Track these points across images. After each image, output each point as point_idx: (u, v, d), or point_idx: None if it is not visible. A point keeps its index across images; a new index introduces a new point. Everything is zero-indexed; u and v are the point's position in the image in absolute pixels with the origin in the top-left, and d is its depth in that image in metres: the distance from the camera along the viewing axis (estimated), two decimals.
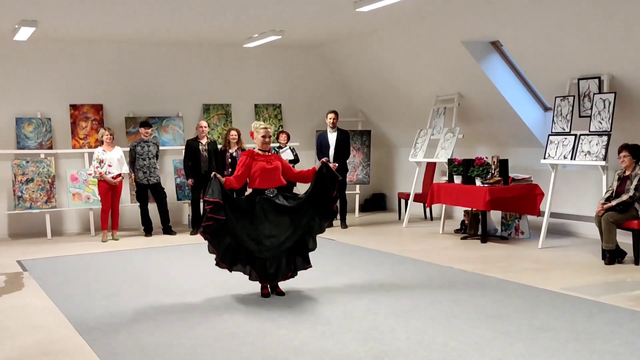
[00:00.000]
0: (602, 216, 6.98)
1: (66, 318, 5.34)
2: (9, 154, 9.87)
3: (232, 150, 9.82)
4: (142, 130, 9.61)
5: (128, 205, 10.27)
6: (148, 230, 9.73)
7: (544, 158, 8.07)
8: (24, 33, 8.80)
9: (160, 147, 9.99)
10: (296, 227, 5.74)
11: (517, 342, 4.45)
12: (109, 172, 9.23)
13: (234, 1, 7.70)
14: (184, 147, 10.18)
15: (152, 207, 9.79)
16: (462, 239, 8.82)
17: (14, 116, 9.95)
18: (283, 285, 5.98)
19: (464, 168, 8.66)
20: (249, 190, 5.98)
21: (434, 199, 9.10)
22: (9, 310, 5.66)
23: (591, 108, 7.66)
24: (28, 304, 5.89)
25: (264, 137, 5.86)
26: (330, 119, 10.01)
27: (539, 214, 8.27)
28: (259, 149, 5.91)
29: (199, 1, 7.67)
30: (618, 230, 6.95)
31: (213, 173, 5.81)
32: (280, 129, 11.16)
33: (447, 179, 9.13)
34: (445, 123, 9.90)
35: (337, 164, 9.89)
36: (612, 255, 6.92)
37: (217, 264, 5.86)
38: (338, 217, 10.32)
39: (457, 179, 8.77)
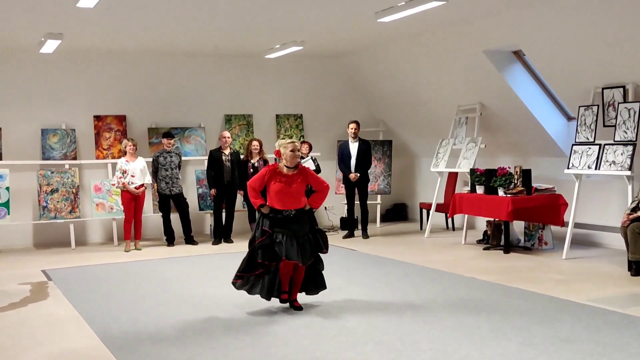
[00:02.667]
0: (627, 227, 6.88)
1: (90, 327, 5.38)
2: (35, 164, 10.00)
3: (254, 160, 9.87)
4: (164, 140, 9.69)
5: (151, 215, 10.35)
6: (170, 240, 9.78)
7: (568, 168, 8.00)
8: (50, 46, 8.94)
9: (183, 158, 10.06)
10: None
11: (541, 355, 4.39)
12: (132, 183, 9.31)
13: (256, 12, 7.75)
14: (206, 157, 10.25)
15: (175, 218, 9.85)
16: (484, 249, 8.75)
17: (39, 127, 10.10)
18: (302, 298, 5.95)
19: (487, 178, 8.61)
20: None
21: (456, 209, 9.05)
22: (35, 319, 5.72)
23: (616, 117, 7.58)
24: (53, 313, 5.95)
25: (292, 151, 5.65)
26: (352, 129, 10.01)
27: (563, 224, 8.18)
28: (285, 166, 5.70)
29: (221, 13, 7.74)
30: None
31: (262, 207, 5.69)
32: (302, 140, 11.19)
33: (469, 189, 9.08)
34: (467, 133, 9.85)
35: (358, 174, 9.90)
36: (639, 267, 6.82)
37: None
38: (359, 227, 10.32)
39: (480, 189, 8.71)
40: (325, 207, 11.27)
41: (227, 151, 9.82)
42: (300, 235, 5.63)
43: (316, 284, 5.89)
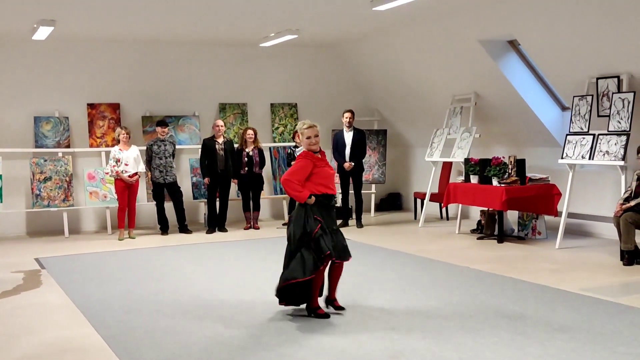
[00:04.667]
0: (620, 217, 6.90)
1: (83, 315, 5.37)
2: (28, 152, 9.95)
3: (249, 149, 9.85)
4: (158, 129, 9.66)
5: (144, 203, 10.33)
6: (164, 229, 9.77)
7: (562, 158, 8.01)
8: (43, 32, 8.87)
9: (177, 146, 10.03)
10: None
11: (534, 343, 4.41)
12: (126, 171, 9.28)
13: (250, 1, 7.71)
14: (200, 146, 10.22)
15: (169, 206, 9.84)
16: (478, 239, 8.77)
17: (32, 115, 10.04)
18: None
19: (481, 168, 8.61)
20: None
21: (450, 198, 9.06)
22: (28, 308, 5.71)
23: (610, 107, 7.59)
24: (46, 301, 5.94)
25: (309, 138, 5.20)
26: (347, 118, 10.00)
27: (557, 214, 8.20)
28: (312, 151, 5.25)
29: (215, 1, 7.69)
30: (637, 231, 6.87)
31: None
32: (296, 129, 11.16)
33: (463, 178, 9.08)
34: (462, 122, 9.85)
35: (353, 163, 9.90)
36: (631, 256, 6.85)
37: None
38: (354, 216, 10.33)
39: (474, 179, 8.72)
40: None
41: (220, 140, 9.79)
42: (334, 229, 5.22)
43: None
